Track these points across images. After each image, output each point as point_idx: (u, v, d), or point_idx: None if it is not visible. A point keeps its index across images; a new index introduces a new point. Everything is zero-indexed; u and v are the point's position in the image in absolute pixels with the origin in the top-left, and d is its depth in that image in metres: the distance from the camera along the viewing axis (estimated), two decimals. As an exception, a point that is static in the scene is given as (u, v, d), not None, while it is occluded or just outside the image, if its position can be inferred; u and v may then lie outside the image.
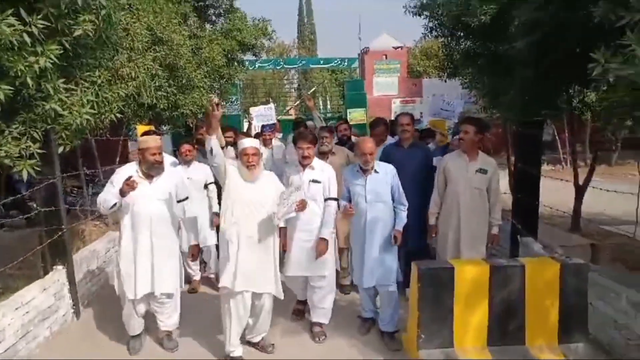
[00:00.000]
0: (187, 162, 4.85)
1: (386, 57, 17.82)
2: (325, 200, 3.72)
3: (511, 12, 5.00)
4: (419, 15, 7.85)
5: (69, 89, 3.82)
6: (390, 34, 19.32)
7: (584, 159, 13.90)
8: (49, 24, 3.29)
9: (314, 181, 3.69)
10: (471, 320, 3.19)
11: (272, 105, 8.59)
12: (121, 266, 3.53)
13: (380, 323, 3.78)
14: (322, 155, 4.34)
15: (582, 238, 5.54)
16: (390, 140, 4.89)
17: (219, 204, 3.80)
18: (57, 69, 3.52)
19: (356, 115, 14.05)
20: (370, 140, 3.79)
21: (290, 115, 17.04)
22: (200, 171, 4.85)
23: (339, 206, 3.79)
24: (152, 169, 3.49)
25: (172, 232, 3.65)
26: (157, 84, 6.54)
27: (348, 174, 3.82)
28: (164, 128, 9.92)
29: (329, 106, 22.59)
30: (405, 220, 3.73)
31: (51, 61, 3.30)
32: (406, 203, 3.75)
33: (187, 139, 5.28)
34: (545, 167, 15.10)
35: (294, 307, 4.16)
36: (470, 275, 3.18)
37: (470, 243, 3.96)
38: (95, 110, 4.05)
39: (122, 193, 3.31)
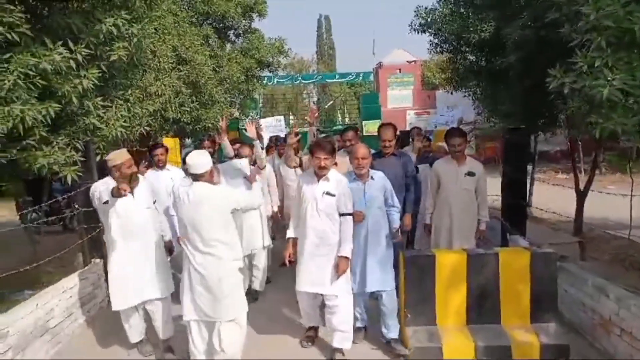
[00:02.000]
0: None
1: (400, 71, 18.34)
2: (341, 215, 3.55)
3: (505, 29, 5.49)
4: (424, 32, 8.37)
5: (105, 106, 4.43)
6: (404, 49, 19.92)
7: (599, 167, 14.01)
8: (89, 51, 3.92)
9: (328, 194, 3.53)
10: (451, 301, 3.62)
11: (281, 117, 9.15)
12: (111, 277, 3.63)
13: (384, 330, 3.74)
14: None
15: (571, 237, 5.87)
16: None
17: None
18: (96, 89, 4.14)
19: (371, 127, 14.53)
20: (364, 146, 3.85)
21: (313, 124, 17.59)
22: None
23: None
24: (132, 181, 3.48)
25: (159, 239, 3.74)
26: (181, 100, 7.19)
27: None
28: (188, 141, 10.65)
29: (347, 119, 23.16)
30: (398, 219, 3.87)
31: (92, 83, 3.91)
32: (398, 205, 3.89)
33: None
34: (560, 176, 15.25)
35: (304, 335, 3.95)
36: (449, 262, 3.62)
37: (461, 237, 4.38)
38: (127, 124, 4.66)
39: (114, 194, 3.28)
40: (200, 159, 3.24)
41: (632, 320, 3.17)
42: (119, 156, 3.58)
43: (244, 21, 10.63)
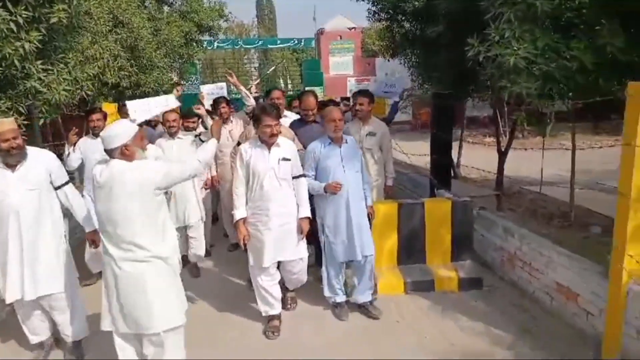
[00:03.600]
0: (172, 134, 4.61)
1: (341, 38, 18.58)
2: (295, 178, 3.48)
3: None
4: (363, 0, 8.64)
5: (46, 70, 4.42)
6: (345, 16, 20.14)
7: (521, 130, 15.19)
8: (29, 14, 3.89)
9: (285, 159, 3.39)
10: (385, 245, 4.11)
11: (223, 84, 9.15)
12: None
13: (358, 294, 3.70)
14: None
15: (491, 191, 6.59)
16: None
17: None
18: (36, 52, 4.13)
19: (313, 94, 14.83)
20: (337, 108, 3.76)
21: (256, 92, 17.57)
22: (187, 144, 4.57)
23: None
24: (9, 157, 2.98)
25: (49, 225, 3.12)
26: (119, 64, 7.10)
27: (317, 149, 3.61)
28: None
29: (289, 85, 23.18)
30: (370, 196, 3.81)
31: (34, 46, 3.91)
32: (368, 179, 3.86)
33: (173, 108, 4.71)
34: (487, 140, 16.36)
35: (269, 325, 3.56)
36: (382, 211, 4.08)
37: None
38: (70, 87, 4.67)
39: None
40: (113, 130, 2.60)
41: (531, 254, 3.80)
42: (3, 124, 3.01)
43: (181, -17, 10.41)
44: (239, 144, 3.97)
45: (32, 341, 3.29)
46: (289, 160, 3.41)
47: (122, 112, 5.21)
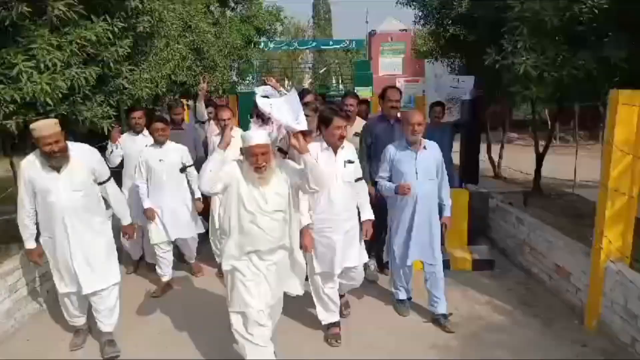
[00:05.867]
0: (159, 143, 4.36)
1: (392, 39, 19.01)
2: (357, 180, 3.39)
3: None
4: (409, 5, 9.18)
5: (132, 70, 5.35)
6: (396, 18, 20.58)
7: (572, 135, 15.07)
8: (122, 24, 4.81)
9: (349, 162, 3.31)
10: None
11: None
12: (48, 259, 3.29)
13: (432, 307, 3.63)
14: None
15: (517, 188, 6.97)
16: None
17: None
18: (125, 55, 5.04)
19: (363, 94, 15.39)
20: (419, 112, 3.66)
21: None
22: (174, 152, 4.39)
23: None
24: (52, 160, 3.04)
25: (96, 222, 3.27)
26: (187, 64, 8.07)
27: (394, 151, 3.57)
28: (190, 102, 11.54)
29: (341, 85, 23.89)
30: (450, 208, 3.64)
31: (125, 50, 4.82)
32: (448, 187, 3.68)
33: (161, 117, 4.78)
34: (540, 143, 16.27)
35: (331, 332, 3.39)
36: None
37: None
38: (149, 85, 5.59)
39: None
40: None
41: (536, 240, 4.28)
42: (43, 129, 3.02)
43: (243, -11, 11.34)
44: (279, 149, 3.84)
45: (71, 323, 3.45)
46: (353, 162, 3.34)
47: (173, 113, 5.47)
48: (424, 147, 3.51)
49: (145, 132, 4.89)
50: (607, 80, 3.96)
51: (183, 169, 4.37)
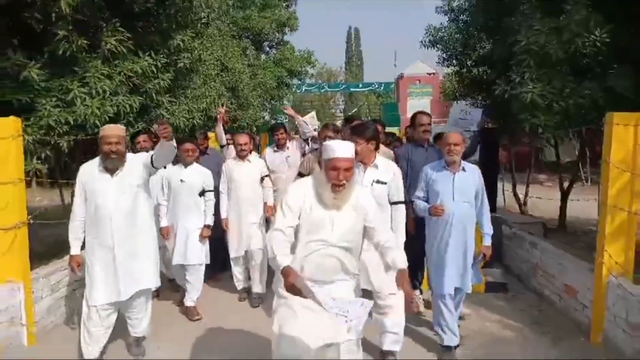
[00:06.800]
0: (186, 164, 4.32)
1: (419, 82, 19.61)
2: (392, 204, 3.23)
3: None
4: (433, 47, 9.63)
5: (171, 102, 5.89)
6: (424, 62, 21.20)
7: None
8: (165, 60, 5.37)
9: (379, 182, 3.18)
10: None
11: (313, 112, 10.34)
12: (87, 267, 3.27)
13: (445, 336, 3.41)
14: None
15: (536, 219, 7.03)
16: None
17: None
18: (166, 88, 5.59)
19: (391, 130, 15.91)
20: (456, 133, 3.52)
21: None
22: (197, 175, 4.32)
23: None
24: (108, 161, 3.16)
25: (140, 229, 3.30)
26: (223, 101, 8.67)
27: (431, 172, 3.50)
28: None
29: (371, 127, 24.45)
30: (491, 237, 3.52)
31: (166, 83, 5.36)
32: (489, 215, 3.55)
33: (192, 139, 4.82)
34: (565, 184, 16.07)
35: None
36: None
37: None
38: (187, 116, 6.11)
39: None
40: None
41: (548, 263, 4.37)
42: (109, 129, 3.22)
43: (277, 35, 12.16)
44: (300, 174, 3.90)
45: (88, 356, 3.24)
46: (385, 183, 3.19)
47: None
48: (463, 169, 3.42)
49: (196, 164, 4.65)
50: (614, 109, 4.14)
51: (202, 193, 4.32)
